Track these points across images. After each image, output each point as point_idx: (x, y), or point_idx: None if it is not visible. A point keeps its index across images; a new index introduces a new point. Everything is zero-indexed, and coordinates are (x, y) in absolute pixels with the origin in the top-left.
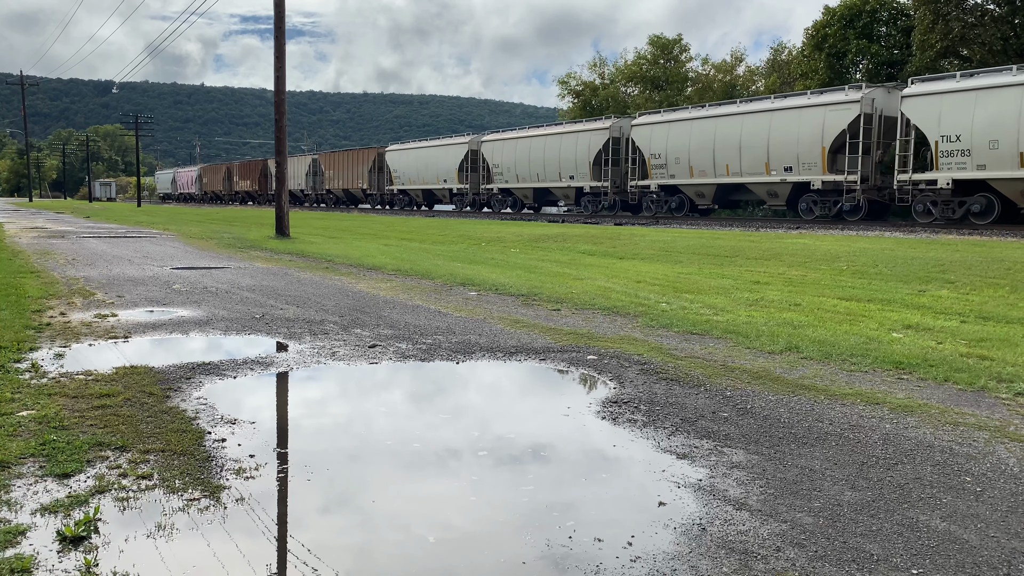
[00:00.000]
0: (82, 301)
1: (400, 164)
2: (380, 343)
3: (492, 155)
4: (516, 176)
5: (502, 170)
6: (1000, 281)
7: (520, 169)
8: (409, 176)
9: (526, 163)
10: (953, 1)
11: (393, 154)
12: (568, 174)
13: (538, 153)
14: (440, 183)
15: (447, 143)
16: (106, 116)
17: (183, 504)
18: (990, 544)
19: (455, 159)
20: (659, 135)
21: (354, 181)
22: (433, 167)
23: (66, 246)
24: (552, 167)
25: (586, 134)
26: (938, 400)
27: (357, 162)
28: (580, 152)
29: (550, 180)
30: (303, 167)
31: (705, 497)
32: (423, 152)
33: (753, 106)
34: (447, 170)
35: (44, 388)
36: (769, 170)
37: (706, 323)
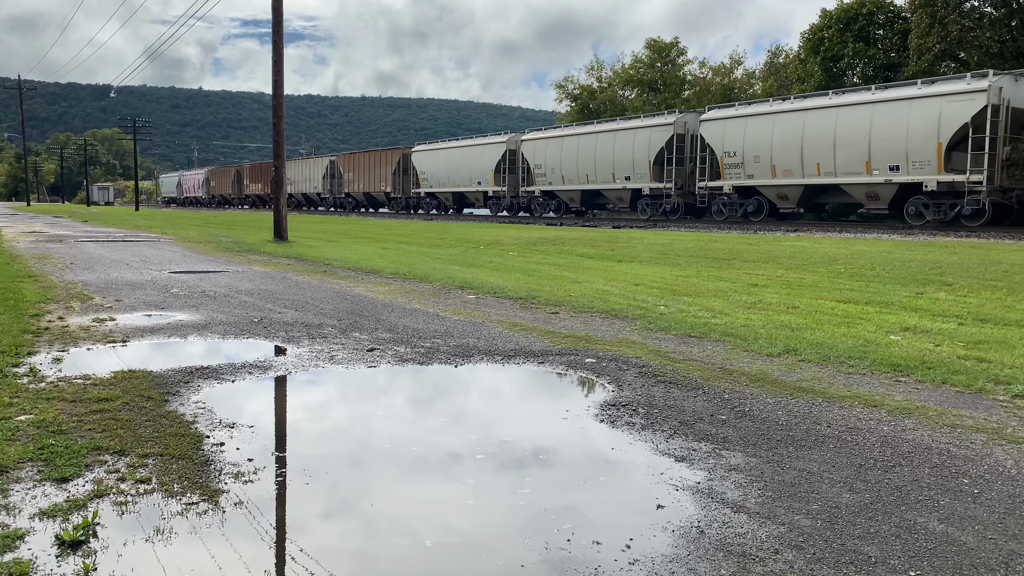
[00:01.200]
0: (80, 305)
1: (428, 165)
2: (378, 347)
3: (534, 155)
4: (561, 177)
5: (545, 171)
6: (998, 283)
7: (566, 170)
8: (438, 178)
9: (573, 163)
10: (950, 4)
11: (420, 155)
12: (623, 175)
13: (588, 152)
14: (473, 185)
15: (482, 142)
16: (104, 120)
17: (181, 508)
18: (987, 546)
19: (491, 160)
20: (734, 131)
21: (376, 184)
22: (465, 168)
23: (64, 250)
24: (604, 167)
25: (645, 131)
26: (936, 402)
27: (379, 164)
28: (638, 151)
29: (601, 182)
30: (319, 169)
31: (703, 500)
32: (454, 153)
33: (850, 98)
34: (482, 171)
35: (42, 392)
36: (870, 169)
37: (704, 326)
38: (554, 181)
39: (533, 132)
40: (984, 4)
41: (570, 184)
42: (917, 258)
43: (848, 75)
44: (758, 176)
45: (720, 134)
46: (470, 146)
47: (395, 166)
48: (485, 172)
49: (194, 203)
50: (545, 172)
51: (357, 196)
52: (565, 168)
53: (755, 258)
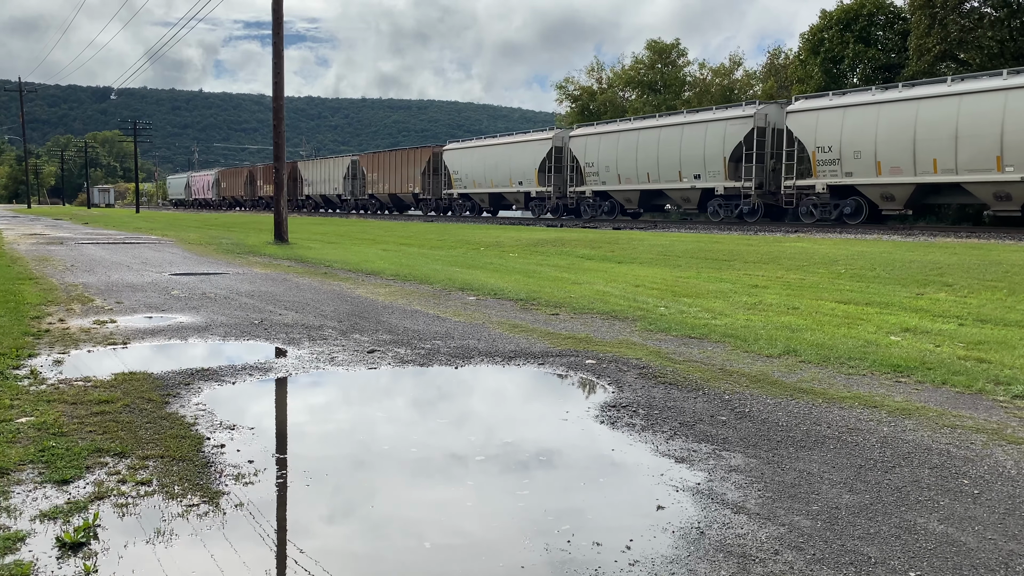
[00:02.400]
0: (81, 307)
1: (462, 165)
2: (379, 348)
3: (584, 152)
4: (617, 176)
5: (597, 169)
6: (998, 284)
7: (623, 168)
8: (473, 178)
9: (631, 160)
10: (950, 5)
11: (453, 154)
12: (692, 172)
13: (649, 149)
14: (513, 186)
15: (525, 139)
16: (104, 122)
17: (182, 510)
18: (987, 546)
19: (534, 158)
20: (829, 123)
21: (403, 185)
22: (504, 168)
23: (65, 252)
24: (669, 165)
25: (719, 124)
26: (936, 403)
27: (407, 163)
28: (711, 146)
29: (665, 180)
30: (339, 170)
31: (703, 501)
32: (492, 151)
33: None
34: (523, 171)
35: (43, 395)
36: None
37: (704, 327)
38: (608, 180)
39: (585, 127)
40: (984, 5)
41: (627, 184)
42: (917, 259)
43: (848, 76)
44: (858, 174)
45: (811, 127)
46: (510, 143)
47: (424, 166)
48: (527, 171)
49: (203, 205)
50: (598, 171)
51: (381, 198)
52: (622, 166)
53: (755, 259)
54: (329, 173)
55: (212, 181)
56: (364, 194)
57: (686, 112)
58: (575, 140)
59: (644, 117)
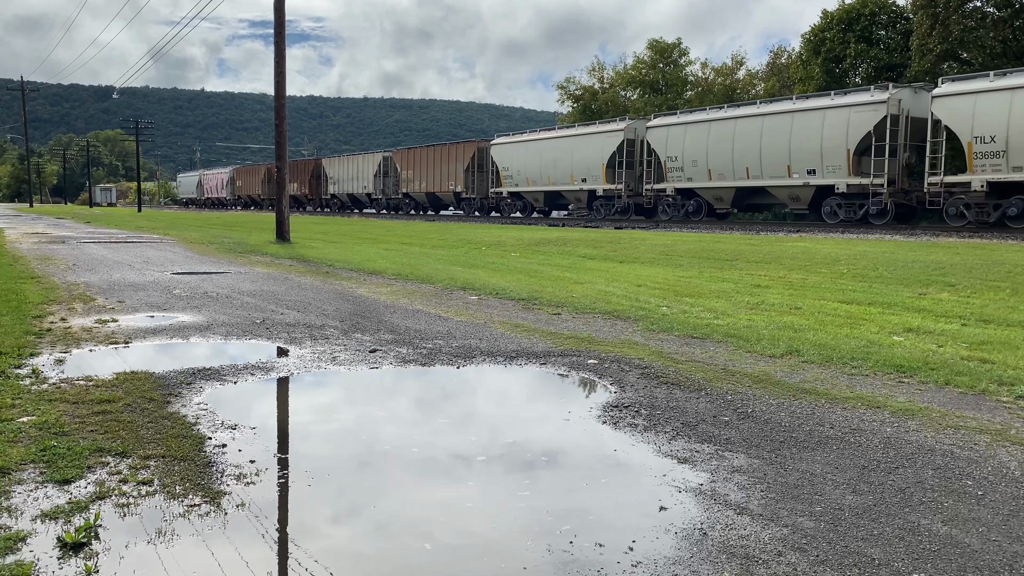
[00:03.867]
0: (83, 306)
1: (513, 161)
2: (381, 348)
3: (667, 145)
4: (708, 172)
5: (682, 164)
6: (1001, 284)
7: (715, 162)
8: (526, 175)
9: (726, 154)
10: (952, 5)
11: (502, 148)
12: (805, 167)
13: (749, 141)
14: (575, 183)
15: (591, 131)
16: (107, 121)
17: (184, 510)
18: (992, 548)
19: (602, 152)
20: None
21: (443, 183)
22: (564, 163)
23: (66, 251)
24: (774, 159)
25: (840, 112)
26: (939, 404)
27: (448, 160)
28: (831, 138)
29: (769, 176)
30: (369, 167)
31: (706, 501)
32: (550, 145)
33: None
34: (588, 167)
35: (44, 394)
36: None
37: (707, 327)
38: (696, 176)
39: (666, 115)
40: (987, 4)
41: (720, 180)
42: (920, 259)
43: (850, 76)
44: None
45: (966, 114)
46: (573, 136)
47: (468, 162)
48: (593, 167)
49: (217, 204)
50: (682, 165)
51: (417, 197)
52: (714, 160)
53: (758, 259)
54: (358, 170)
55: (227, 179)
56: (397, 193)
57: (796, 98)
58: (654, 131)
59: (743, 104)
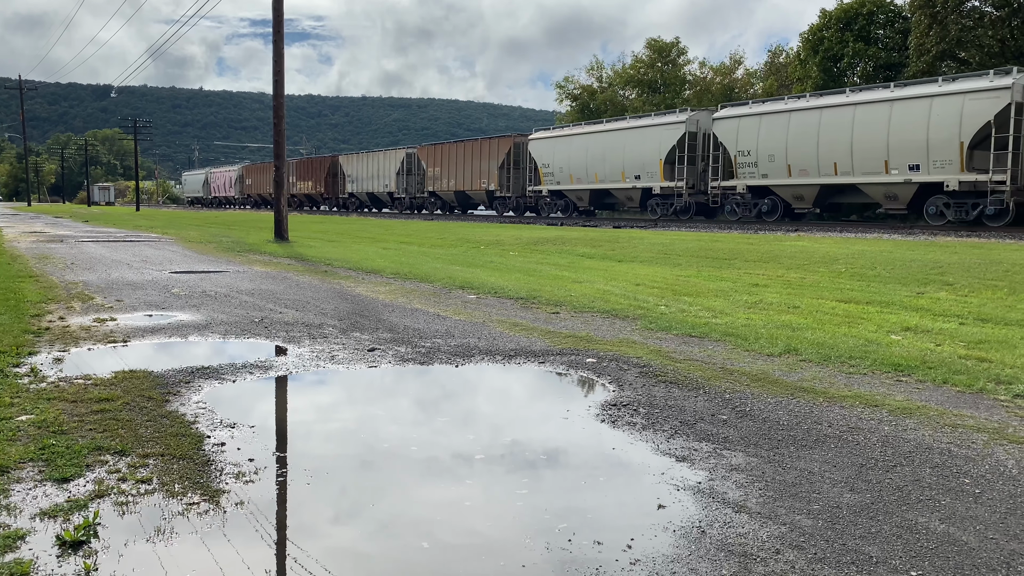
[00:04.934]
0: (81, 305)
1: (554, 156)
2: (379, 347)
3: (737, 138)
4: (787, 168)
5: (756, 159)
6: (998, 283)
7: (797, 157)
8: (570, 172)
9: (810, 148)
10: (950, 4)
11: (541, 143)
12: (907, 163)
13: (837, 133)
14: (627, 180)
15: (647, 124)
16: (105, 120)
17: (182, 508)
18: (989, 546)
19: (660, 146)
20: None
21: (474, 181)
22: (615, 158)
23: (65, 250)
24: (869, 153)
25: (951, 100)
26: (937, 402)
27: (479, 156)
28: (940, 128)
29: (862, 172)
30: (391, 164)
31: (704, 500)
32: (598, 139)
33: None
34: (643, 162)
35: (43, 393)
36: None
37: (705, 326)
38: (772, 172)
39: (735, 106)
40: (984, 4)
41: (801, 176)
42: (918, 258)
43: (848, 75)
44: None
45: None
46: (626, 129)
47: (503, 158)
48: (649, 162)
49: (225, 203)
50: (756, 160)
51: (445, 196)
52: (794, 154)
53: (756, 258)
54: (378, 168)
55: (235, 178)
56: (422, 191)
57: (894, 86)
58: (722, 123)
59: (830, 92)
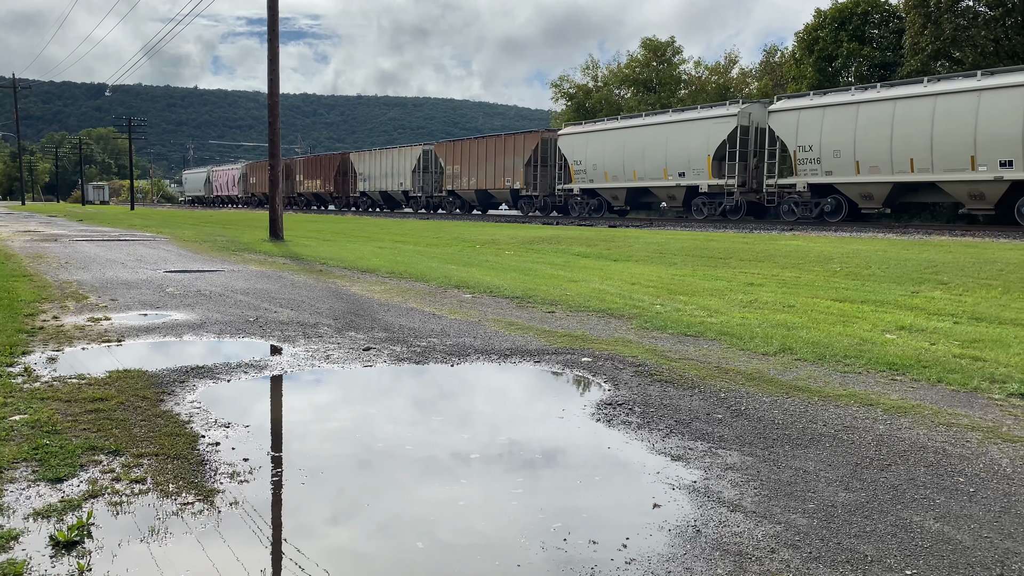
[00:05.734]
0: (75, 305)
1: (587, 153)
2: (374, 346)
3: (797, 132)
4: (855, 164)
5: (819, 155)
6: (992, 282)
7: (866, 153)
8: (605, 169)
9: (881, 143)
10: (944, 3)
11: (573, 139)
12: (996, 158)
13: (914, 125)
14: (670, 178)
15: (693, 117)
16: (99, 119)
17: (177, 508)
18: (983, 544)
19: (707, 141)
20: None
21: (497, 179)
22: (657, 155)
23: (59, 249)
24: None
25: None
26: (931, 401)
27: (503, 153)
28: None
29: (943, 169)
30: (406, 161)
31: (700, 499)
32: (637, 134)
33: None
34: (688, 158)
35: (37, 392)
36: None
37: (700, 325)
38: (837, 169)
39: (796, 98)
40: (978, 3)
41: (872, 174)
42: (912, 257)
43: (843, 74)
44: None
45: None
46: (670, 123)
47: (529, 155)
48: (696, 159)
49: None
50: (819, 156)
51: (464, 194)
52: (863, 149)
53: (751, 257)
54: (392, 166)
55: (238, 176)
56: (440, 190)
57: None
58: (780, 116)
59: (903, 82)
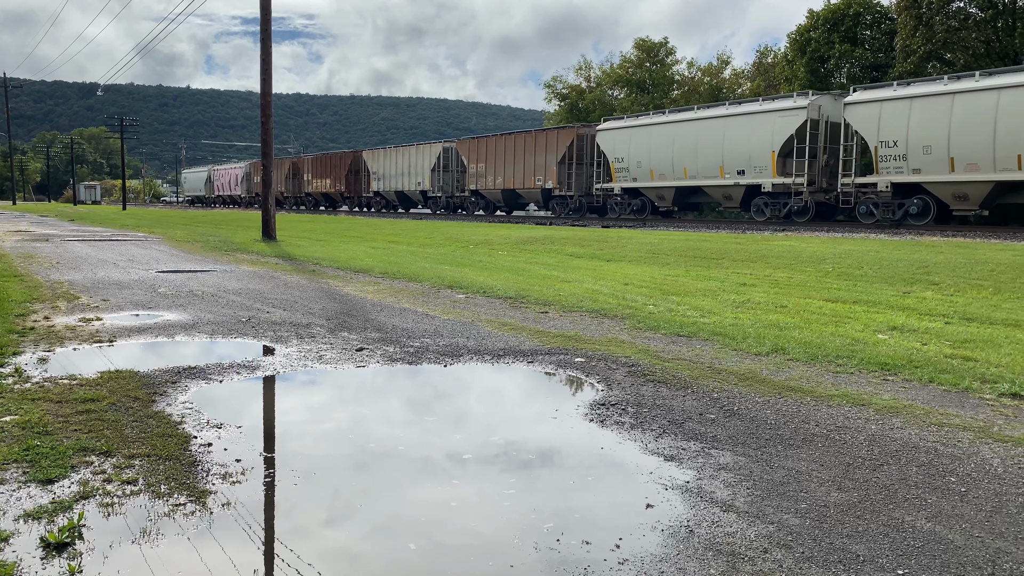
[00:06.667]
0: (66, 305)
1: (631, 149)
2: (367, 346)
3: (879, 126)
4: (948, 161)
5: (905, 151)
6: (983, 282)
7: (962, 148)
8: (651, 167)
9: (983, 137)
10: (936, 5)
11: (614, 135)
12: None
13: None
14: (728, 176)
15: (755, 110)
16: (91, 119)
17: (169, 509)
18: (975, 544)
19: (772, 137)
20: None
21: (527, 178)
22: (712, 151)
23: (50, 249)
24: None
25: None
26: (923, 401)
27: (534, 150)
28: None
29: None
30: (425, 160)
31: (692, 499)
32: (689, 128)
33: None
34: (749, 155)
35: (27, 393)
36: None
37: (693, 325)
38: (927, 167)
39: (878, 88)
40: (969, 5)
41: (970, 172)
42: (904, 257)
43: (835, 76)
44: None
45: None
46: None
47: (563, 152)
48: (759, 155)
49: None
50: (906, 152)
51: (490, 194)
52: (959, 144)
53: (744, 257)
54: (410, 164)
55: (241, 175)
56: (462, 190)
57: None
58: (858, 108)
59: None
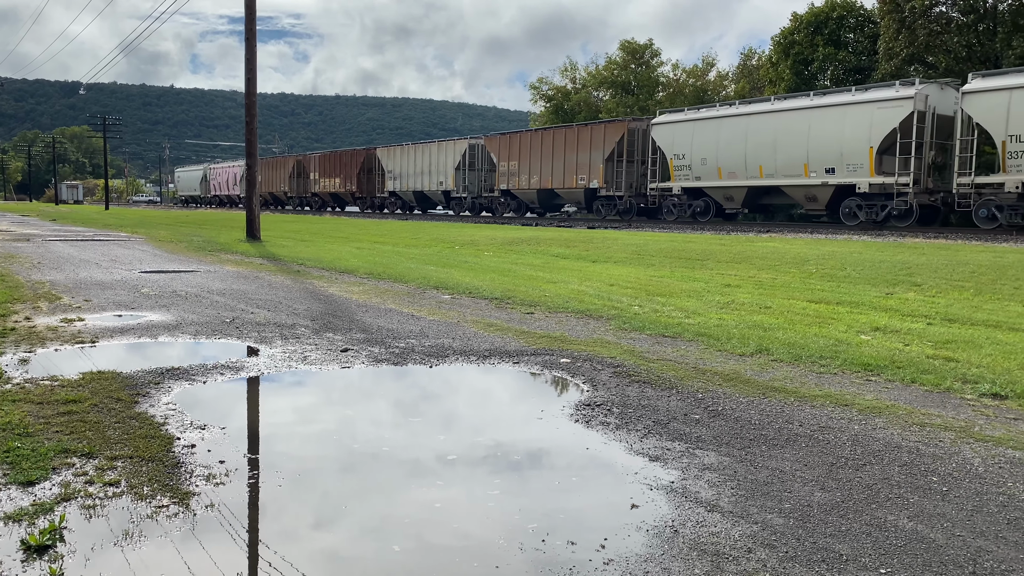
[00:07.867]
0: (48, 305)
1: (693, 145)
2: (352, 347)
3: (1008, 118)
4: None
5: None
6: (965, 284)
7: None
8: (718, 164)
9: None
10: (918, 9)
11: (673, 129)
12: None
13: None
14: (812, 175)
15: (849, 100)
16: (73, 118)
17: (151, 511)
18: (956, 543)
19: (870, 130)
20: None
21: (568, 177)
22: (793, 147)
23: (32, 249)
24: None
25: None
26: (905, 401)
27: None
28: None
29: None
30: (448, 158)
31: (677, 499)
32: (764, 121)
33: None
34: (840, 151)
35: (8, 394)
36: None
37: (678, 326)
38: None
39: (1001, 75)
40: (951, 9)
41: None
42: (887, 259)
43: (819, 78)
44: None
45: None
46: (811, 108)
47: (612, 148)
48: (851, 152)
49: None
50: None
51: (523, 195)
52: None
53: (728, 258)
54: (430, 162)
55: (239, 174)
56: (491, 190)
57: None
58: (979, 99)
59: None
